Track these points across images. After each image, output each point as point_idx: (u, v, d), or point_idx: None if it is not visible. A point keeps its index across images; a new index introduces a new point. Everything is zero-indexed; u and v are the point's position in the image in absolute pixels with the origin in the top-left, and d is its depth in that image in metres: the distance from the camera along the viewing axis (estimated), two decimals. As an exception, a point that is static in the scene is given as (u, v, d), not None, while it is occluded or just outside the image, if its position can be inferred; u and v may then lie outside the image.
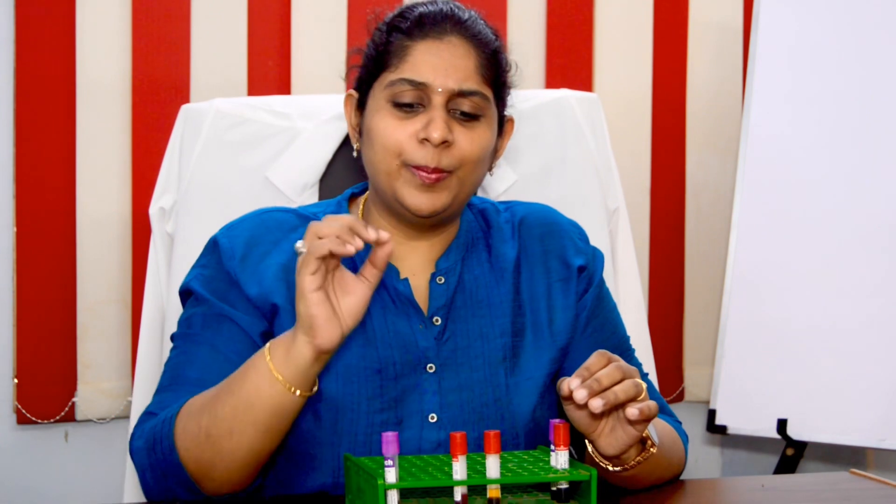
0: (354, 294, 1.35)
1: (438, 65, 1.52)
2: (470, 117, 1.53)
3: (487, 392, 1.55)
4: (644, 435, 1.42)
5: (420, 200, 1.52)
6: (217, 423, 1.39)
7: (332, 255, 1.30)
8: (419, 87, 1.51)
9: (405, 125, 1.51)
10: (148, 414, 1.50)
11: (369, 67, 1.58)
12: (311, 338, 1.34)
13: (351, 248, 1.29)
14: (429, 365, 1.54)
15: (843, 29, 2.58)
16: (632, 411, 1.34)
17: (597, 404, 1.32)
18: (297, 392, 1.37)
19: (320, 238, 1.30)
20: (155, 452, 1.43)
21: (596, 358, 1.37)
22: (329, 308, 1.33)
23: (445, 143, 1.50)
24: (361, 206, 1.63)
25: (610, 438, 1.40)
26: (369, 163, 1.56)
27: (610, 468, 1.43)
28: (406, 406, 1.52)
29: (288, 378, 1.36)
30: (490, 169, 1.61)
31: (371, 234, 1.32)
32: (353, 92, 1.62)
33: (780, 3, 2.62)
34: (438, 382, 1.54)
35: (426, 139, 1.50)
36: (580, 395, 1.32)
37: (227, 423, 1.38)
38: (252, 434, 1.39)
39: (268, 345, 1.39)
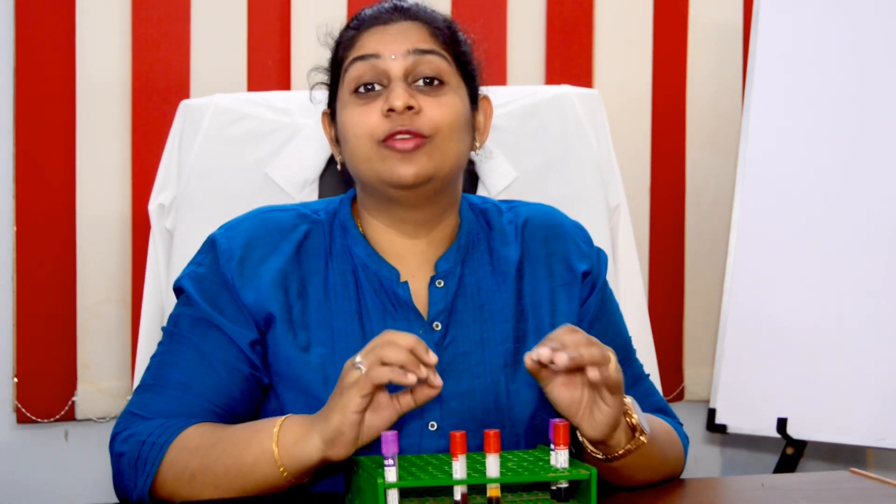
0: (382, 415, 1.34)
1: (386, 39, 1.54)
2: (432, 84, 1.52)
3: (489, 399, 1.53)
4: (633, 423, 1.42)
5: (402, 169, 1.49)
6: (206, 473, 1.42)
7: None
8: (370, 59, 1.52)
9: (370, 108, 1.51)
10: (131, 413, 1.51)
11: (329, 77, 1.61)
12: (328, 447, 1.34)
13: (413, 378, 1.29)
14: None
15: (843, 29, 2.58)
16: (592, 373, 1.33)
17: (562, 357, 1.31)
18: (288, 477, 1.39)
19: (383, 363, 1.30)
20: (136, 470, 1.45)
21: (562, 329, 1.37)
22: (359, 429, 1.33)
23: (412, 110, 1.49)
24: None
25: (591, 421, 1.39)
26: (349, 159, 1.55)
27: (599, 456, 1.42)
28: (406, 414, 1.49)
29: (287, 467, 1.38)
30: (475, 148, 1.59)
31: (432, 359, 1.31)
32: (326, 109, 1.63)
33: (780, 3, 2.62)
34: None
35: (390, 110, 1.49)
36: (544, 352, 1.32)
37: (214, 478, 1.41)
38: (234, 494, 1.42)
39: (280, 423, 1.40)
